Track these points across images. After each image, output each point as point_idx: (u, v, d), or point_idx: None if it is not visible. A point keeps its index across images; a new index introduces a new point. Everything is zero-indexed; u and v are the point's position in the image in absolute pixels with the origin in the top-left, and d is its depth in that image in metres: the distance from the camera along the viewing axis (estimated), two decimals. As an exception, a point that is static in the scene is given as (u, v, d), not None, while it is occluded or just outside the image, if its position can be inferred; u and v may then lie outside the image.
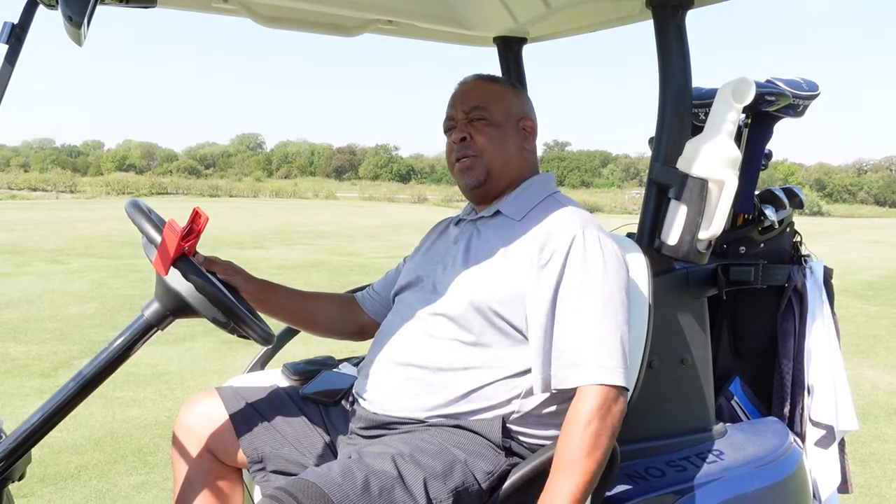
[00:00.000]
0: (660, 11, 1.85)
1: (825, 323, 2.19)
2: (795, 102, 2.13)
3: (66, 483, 3.49)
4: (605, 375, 1.46)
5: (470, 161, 1.76)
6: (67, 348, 5.97)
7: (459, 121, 1.78)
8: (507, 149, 1.78)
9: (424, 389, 1.61)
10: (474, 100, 1.78)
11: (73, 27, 1.43)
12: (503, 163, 1.77)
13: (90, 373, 1.57)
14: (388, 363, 1.69)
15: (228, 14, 2.21)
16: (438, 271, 1.76)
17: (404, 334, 1.70)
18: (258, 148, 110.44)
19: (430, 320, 1.67)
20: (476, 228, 1.80)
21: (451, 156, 1.80)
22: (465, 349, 1.61)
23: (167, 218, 1.58)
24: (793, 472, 1.95)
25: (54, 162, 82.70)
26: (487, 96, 1.79)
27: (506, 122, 1.78)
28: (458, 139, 1.76)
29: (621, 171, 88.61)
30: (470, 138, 1.75)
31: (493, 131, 1.75)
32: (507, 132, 1.78)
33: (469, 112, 1.76)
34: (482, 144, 1.75)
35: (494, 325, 1.60)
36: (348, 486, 1.36)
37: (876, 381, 5.77)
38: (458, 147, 1.77)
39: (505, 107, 1.79)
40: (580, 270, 1.55)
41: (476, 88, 1.82)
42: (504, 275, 1.62)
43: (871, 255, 16.64)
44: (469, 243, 1.76)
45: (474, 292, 1.63)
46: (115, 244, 13.71)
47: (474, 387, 1.58)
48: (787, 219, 2.27)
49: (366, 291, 2.06)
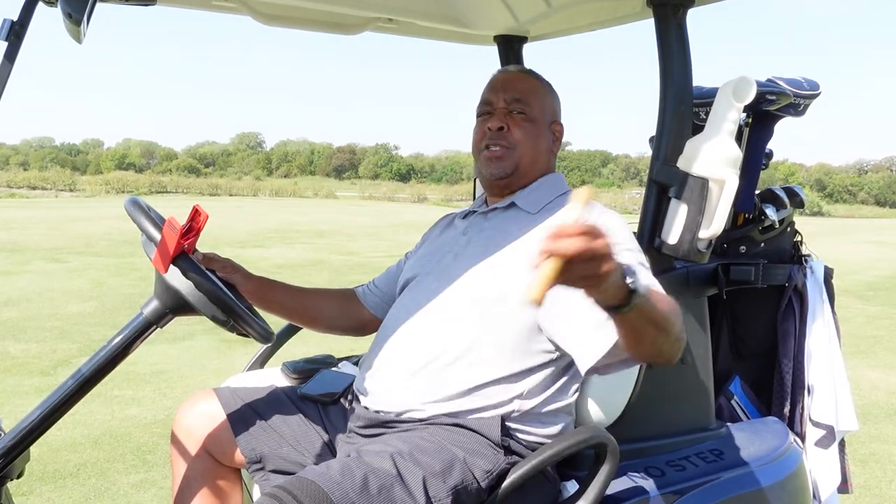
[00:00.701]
0: (660, 10, 1.84)
1: (825, 323, 2.19)
2: (796, 101, 2.13)
3: (65, 481, 3.49)
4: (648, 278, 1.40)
5: (502, 151, 1.75)
6: (67, 347, 5.97)
7: (499, 109, 1.77)
8: (539, 147, 1.78)
9: (427, 385, 1.60)
10: (517, 92, 1.77)
11: (72, 24, 1.42)
12: (532, 160, 1.77)
13: (89, 371, 1.56)
14: (391, 358, 1.68)
15: (228, 12, 2.21)
16: (446, 263, 1.75)
17: (407, 330, 1.69)
18: (258, 147, 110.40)
19: (434, 315, 1.66)
20: (487, 220, 1.79)
21: (482, 141, 1.78)
22: (469, 344, 1.60)
23: (167, 216, 1.58)
24: (793, 472, 1.95)
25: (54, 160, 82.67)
26: (530, 92, 1.79)
27: (542, 120, 1.79)
28: (496, 128, 1.75)
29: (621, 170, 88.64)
30: (507, 129, 1.74)
31: (529, 127, 1.76)
32: (541, 131, 1.79)
33: (510, 103, 1.76)
34: (518, 138, 1.74)
35: (502, 317, 1.59)
36: (347, 485, 1.36)
37: (876, 382, 5.77)
38: (493, 135, 1.75)
39: (543, 105, 1.80)
40: None
41: (520, 80, 1.82)
42: (515, 267, 1.60)
43: (872, 256, 16.65)
44: (479, 235, 1.76)
45: (482, 285, 1.62)
46: (114, 243, 13.71)
47: (477, 384, 1.58)
48: (788, 218, 2.26)
49: (366, 287, 2.05)
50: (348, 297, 2.05)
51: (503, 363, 1.59)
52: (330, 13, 2.26)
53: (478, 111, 1.83)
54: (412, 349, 1.65)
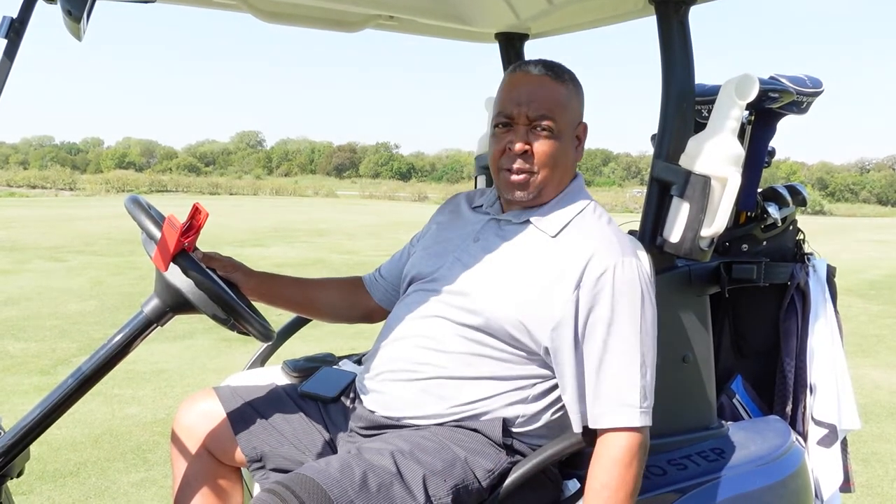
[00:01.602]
0: (662, 7, 1.83)
1: (828, 321, 2.18)
2: (799, 99, 2.12)
3: (65, 480, 3.49)
4: (635, 419, 1.47)
5: (525, 178, 1.61)
6: (66, 345, 5.97)
7: (521, 125, 1.61)
8: (564, 163, 1.65)
9: (429, 395, 1.58)
10: (542, 107, 1.59)
11: (72, 21, 1.42)
12: (556, 180, 1.64)
13: (89, 369, 1.56)
14: (395, 364, 1.65)
15: (229, 9, 2.20)
16: (455, 269, 1.66)
17: (412, 338, 1.64)
18: (258, 145, 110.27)
19: (440, 327, 1.61)
20: (500, 229, 1.69)
21: (503, 160, 1.63)
22: (475, 360, 1.57)
23: (167, 214, 1.57)
24: (795, 471, 1.94)
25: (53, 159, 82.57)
26: (556, 104, 1.61)
27: (567, 132, 1.64)
28: (520, 151, 1.59)
29: (622, 169, 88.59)
30: (530, 151, 1.60)
31: (555, 144, 1.60)
32: (567, 143, 1.65)
33: (534, 119, 1.59)
34: (542, 160, 1.60)
35: (510, 345, 1.56)
36: (346, 482, 1.35)
37: (878, 381, 5.77)
38: (515, 158, 1.60)
39: (570, 116, 1.64)
40: (615, 304, 1.49)
41: (546, 92, 1.62)
42: (530, 299, 1.54)
43: (874, 255, 16.64)
44: (490, 245, 1.66)
45: (493, 310, 1.55)
46: (114, 242, 13.70)
47: (481, 396, 1.57)
48: (790, 217, 2.25)
49: (373, 275, 2.00)
50: (354, 285, 2.00)
51: (506, 380, 1.57)
52: (330, 10, 2.25)
53: (494, 121, 1.66)
54: (415, 360, 1.61)
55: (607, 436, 1.48)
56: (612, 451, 1.46)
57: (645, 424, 1.48)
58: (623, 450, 1.46)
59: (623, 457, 1.45)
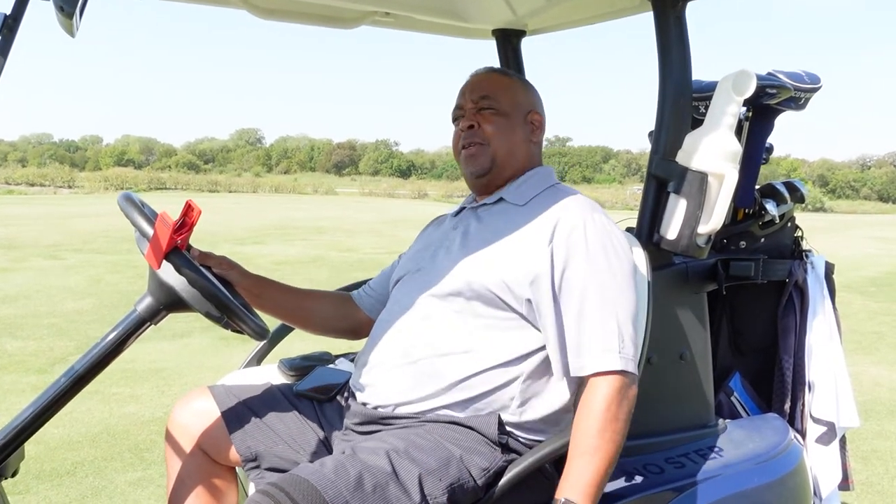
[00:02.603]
0: (659, 3, 1.83)
1: (826, 318, 2.18)
2: (797, 95, 2.12)
3: (61, 480, 3.48)
4: (616, 363, 1.47)
5: (476, 149, 1.76)
6: (64, 344, 5.96)
7: (468, 110, 1.78)
8: (514, 139, 1.78)
9: (423, 376, 1.59)
10: (484, 90, 1.79)
11: (64, 17, 1.41)
12: (508, 152, 1.77)
13: (83, 368, 1.55)
14: (386, 353, 1.67)
15: (226, 6, 2.19)
16: (439, 257, 1.75)
17: (402, 322, 1.68)
18: (258, 143, 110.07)
19: (428, 305, 1.65)
20: (476, 215, 1.79)
21: (458, 144, 1.80)
22: (464, 333, 1.59)
23: (160, 212, 1.56)
24: (793, 469, 1.94)
25: (52, 157, 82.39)
26: (497, 87, 1.80)
27: (514, 113, 1.78)
28: (466, 127, 1.77)
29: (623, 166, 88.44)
30: (477, 126, 1.75)
31: (500, 121, 1.76)
32: (515, 123, 1.78)
33: (478, 101, 1.77)
34: (489, 133, 1.75)
35: (495, 306, 1.59)
36: (341, 483, 1.34)
37: (878, 378, 5.76)
38: (466, 135, 1.77)
39: (514, 98, 1.80)
40: (588, 256, 1.55)
41: (486, 79, 1.83)
42: (507, 258, 1.61)
43: (874, 252, 16.62)
44: (469, 228, 1.76)
45: (474, 273, 1.61)
46: (112, 240, 13.69)
47: (473, 371, 1.57)
48: (788, 213, 2.25)
49: (362, 289, 2.03)
50: (344, 299, 2.03)
51: (497, 353, 1.58)
52: (326, 7, 2.24)
53: (452, 117, 1.84)
54: (406, 343, 1.64)
55: (591, 382, 1.49)
56: (595, 396, 1.46)
57: (626, 369, 1.47)
58: (606, 394, 1.45)
59: (606, 401, 1.45)
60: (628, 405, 1.47)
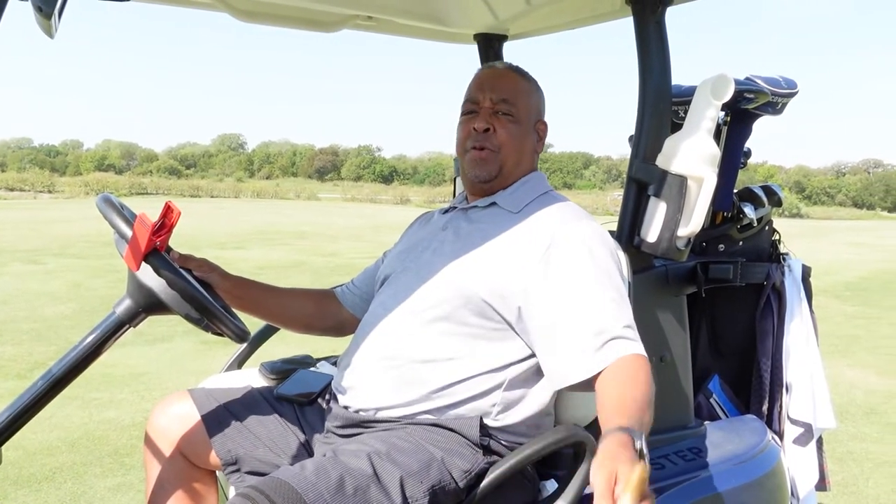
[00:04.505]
0: (639, 8, 1.84)
1: (803, 321, 2.20)
2: (774, 100, 2.14)
3: (40, 485, 3.44)
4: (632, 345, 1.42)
5: (487, 154, 1.72)
6: (44, 349, 5.89)
7: (484, 108, 1.73)
8: (524, 149, 1.76)
9: (405, 382, 1.58)
10: (504, 91, 1.74)
11: (43, 18, 1.39)
12: (516, 162, 1.75)
13: (60, 371, 1.53)
14: (369, 356, 1.66)
15: (205, 8, 2.18)
16: (425, 258, 1.72)
17: (386, 325, 1.66)
18: (240, 148, 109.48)
19: (414, 309, 1.63)
20: (467, 217, 1.77)
21: (468, 141, 1.74)
22: (449, 339, 1.58)
23: (138, 213, 1.55)
24: (771, 470, 1.95)
25: (32, 161, 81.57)
26: (517, 91, 1.76)
27: (526, 121, 1.76)
28: (482, 129, 1.71)
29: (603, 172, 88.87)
30: (493, 130, 1.71)
31: (515, 129, 1.73)
32: (526, 131, 1.76)
33: (497, 103, 1.72)
34: (503, 140, 1.72)
35: (483, 315, 1.58)
36: (322, 486, 1.34)
37: (854, 381, 5.83)
38: (479, 136, 1.72)
39: (528, 105, 1.77)
40: (580, 265, 1.53)
41: (507, 79, 1.78)
42: (500, 266, 1.59)
43: (849, 257, 16.84)
44: (459, 230, 1.74)
45: (465, 280, 1.59)
46: (93, 244, 13.56)
47: (456, 379, 1.56)
48: (766, 217, 2.27)
49: (345, 287, 2.03)
50: (327, 297, 2.02)
51: (481, 361, 1.58)
52: (308, 10, 2.24)
53: (463, 109, 1.79)
54: (390, 346, 1.63)
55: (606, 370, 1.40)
56: (615, 371, 1.38)
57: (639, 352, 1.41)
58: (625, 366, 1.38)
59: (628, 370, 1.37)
60: (647, 374, 1.38)
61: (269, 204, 37.80)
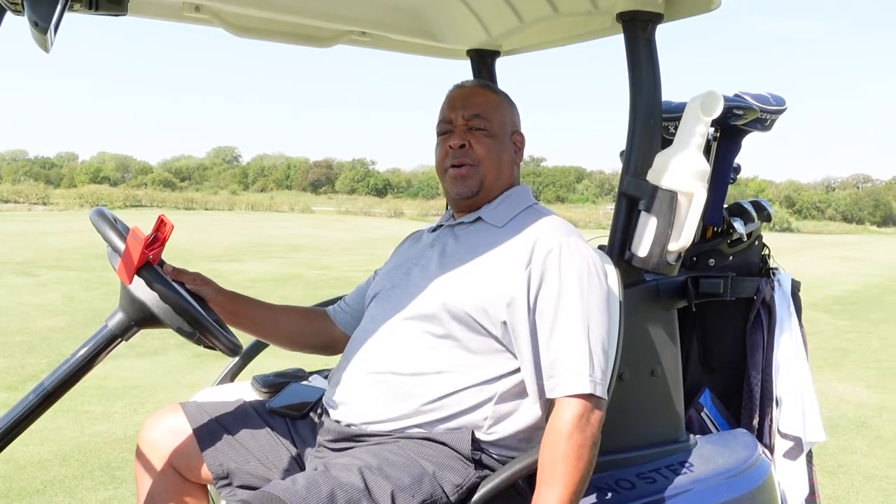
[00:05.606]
0: (630, 26, 1.86)
1: (793, 335, 2.21)
2: (763, 116, 2.16)
3: (31, 499, 3.42)
4: (581, 385, 1.48)
5: (466, 170, 1.73)
6: (35, 361, 5.87)
7: (458, 126, 1.75)
8: (502, 161, 1.78)
9: (396, 396, 1.59)
10: (476, 107, 1.76)
11: (39, 33, 1.41)
12: (496, 175, 1.77)
13: (51, 384, 1.53)
14: (360, 371, 1.66)
15: (201, 24, 2.19)
16: (413, 274, 1.74)
17: (376, 340, 1.67)
18: (234, 161, 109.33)
19: (403, 324, 1.65)
20: (454, 234, 1.79)
21: (446, 160, 1.76)
22: (438, 354, 1.59)
23: (131, 226, 1.55)
24: (761, 484, 1.96)
25: (27, 174, 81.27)
26: (488, 106, 1.78)
27: (502, 133, 1.78)
28: (458, 146, 1.73)
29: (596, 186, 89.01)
30: (469, 146, 1.73)
31: (491, 142, 1.75)
32: (503, 144, 1.78)
33: (469, 119, 1.74)
34: (480, 155, 1.73)
35: (470, 329, 1.59)
36: (313, 500, 1.34)
37: (843, 394, 5.84)
38: (456, 154, 1.74)
39: (503, 118, 1.79)
40: (562, 280, 1.56)
41: (477, 96, 1.80)
42: (484, 281, 1.61)
43: (839, 271, 16.91)
44: (445, 248, 1.76)
45: (450, 295, 1.61)
46: (86, 257, 13.51)
47: (447, 392, 1.57)
48: (756, 232, 2.29)
49: (337, 305, 2.03)
50: (319, 315, 2.03)
51: (470, 375, 1.58)
52: (302, 26, 2.26)
53: (438, 130, 1.81)
54: (380, 362, 1.64)
55: (558, 404, 1.49)
56: (560, 421, 1.47)
57: (594, 393, 1.48)
58: (571, 419, 1.46)
59: (571, 426, 1.45)
60: (592, 430, 1.47)
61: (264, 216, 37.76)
